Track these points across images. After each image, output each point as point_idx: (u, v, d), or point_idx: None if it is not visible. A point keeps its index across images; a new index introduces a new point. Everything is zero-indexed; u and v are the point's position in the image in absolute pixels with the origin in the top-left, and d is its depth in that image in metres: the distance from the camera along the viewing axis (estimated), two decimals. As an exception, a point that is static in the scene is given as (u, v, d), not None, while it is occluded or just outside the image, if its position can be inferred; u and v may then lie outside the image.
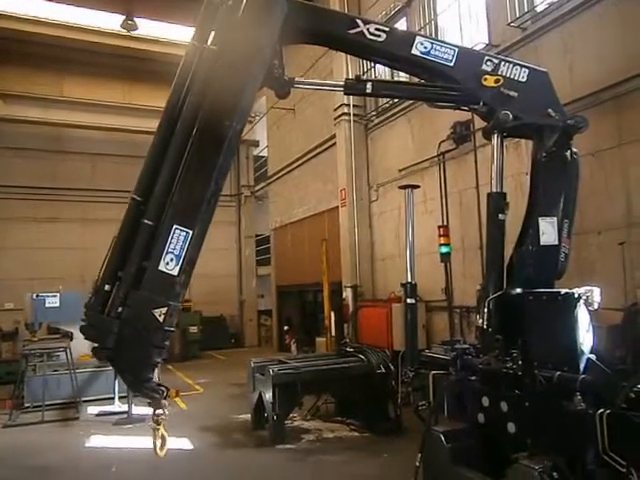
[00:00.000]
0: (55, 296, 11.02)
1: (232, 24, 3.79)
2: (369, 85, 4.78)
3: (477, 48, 9.42)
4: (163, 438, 3.48)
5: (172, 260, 3.41)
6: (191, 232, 3.46)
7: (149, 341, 3.38)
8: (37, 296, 10.88)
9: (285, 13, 3.93)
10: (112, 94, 17.77)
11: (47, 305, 10.87)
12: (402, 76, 8.87)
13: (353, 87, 4.88)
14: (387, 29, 4.56)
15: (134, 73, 17.93)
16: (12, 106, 16.47)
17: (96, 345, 3.51)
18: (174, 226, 3.46)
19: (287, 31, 4.01)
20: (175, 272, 3.42)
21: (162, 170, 3.62)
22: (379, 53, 4.70)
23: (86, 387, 10.45)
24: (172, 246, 3.43)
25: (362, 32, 4.40)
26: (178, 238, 3.44)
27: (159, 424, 3.47)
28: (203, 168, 3.55)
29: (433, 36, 10.85)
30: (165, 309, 3.35)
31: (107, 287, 3.57)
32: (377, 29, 4.45)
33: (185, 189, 3.53)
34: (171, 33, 16.83)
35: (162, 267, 3.41)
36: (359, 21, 4.46)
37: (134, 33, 16.53)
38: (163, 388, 3.50)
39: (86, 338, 3.60)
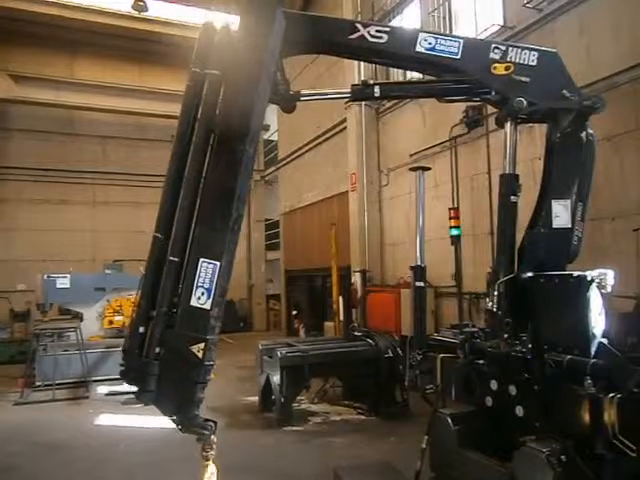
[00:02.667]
0: (66, 277, 11.11)
1: (231, 45, 3.67)
2: (377, 89, 4.70)
3: (491, 30, 9.29)
4: (212, 475, 3.38)
5: (203, 294, 3.32)
6: (219, 263, 3.35)
7: (191, 379, 3.33)
8: (48, 277, 10.99)
9: (284, 27, 3.80)
10: (123, 76, 17.71)
11: (58, 286, 10.97)
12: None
13: (360, 93, 4.78)
14: (388, 29, 4.46)
15: (145, 55, 17.86)
16: (24, 88, 16.45)
17: (138, 389, 3.42)
18: (200, 260, 3.35)
19: (287, 44, 3.90)
20: (208, 306, 3.32)
21: (180, 203, 3.52)
22: (383, 55, 4.60)
23: (96, 367, 10.55)
24: (201, 280, 3.32)
25: (363, 36, 4.30)
26: (206, 271, 3.34)
27: (208, 460, 3.37)
28: (221, 197, 3.44)
29: (446, 19, 10.70)
30: (203, 344, 3.28)
31: (141, 329, 3.46)
32: (378, 30, 4.35)
33: (206, 221, 3.42)
34: (182, 15, 16.74)
35: (194, 302, 3.32)
36: (359, 25, 4.36)
37: (145, 15, 16.43)
38: (211, 423, 3.41)
39: (127, 383, 3.51)
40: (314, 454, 6.40)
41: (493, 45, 4.60)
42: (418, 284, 7.03)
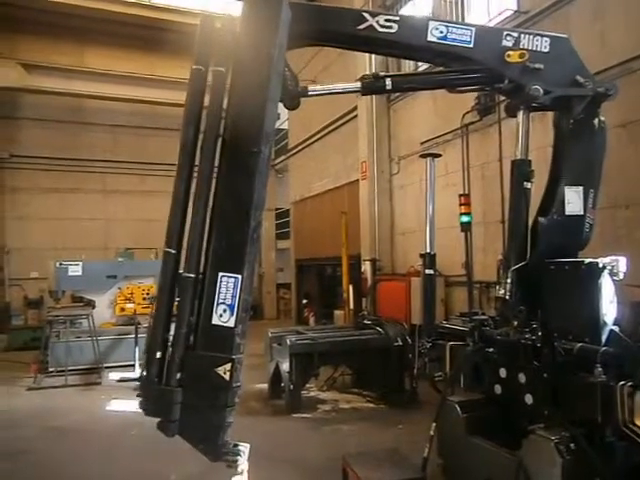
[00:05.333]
0: (78, 265, 11.24)
1: (236, 41, 3.38)
2: (388, 81, 4.54)
3: (505, 15, 9.16)
4: None
5: (225, 311, 3.07)
6: (240, 277, 3.09)
7: (219, 403, 3.07)
8: (60, 264, 11.11)
9: (289, 18, 3.52)
10: (133, 65, 17.65)
11: (70, 273, 11.10)
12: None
13: (371, 86, 4.60)
14: (397, 18, 4.30)
15: (155, 44, 17.72)
16: (35, 76, 16.46)
17: (160, 420, 3.15)
18: (220, 274, 3.09)
19: (292, 36, 3.62)
20: (231, 323, 3.06)
21: (192, 216, 3.23)
22: (393, 45, 4.42)
23: (108, 354, 10.70)
24: (222, 296, 3.07)
25: (372, 26, 4.13)
26: (227, 286, 3.08)
27: None
28: (238, 206, 3.17)
29: (458, 3, 10.55)
30: (229, 365, 3.02)
31: (159, 354, 3.19)
32: (387, 20, 4.18)
33: (223, 234, 3.15)
34: (191, 2, 16.64)
35: (216, 321, 3.07)
36: (367, 15, 4.18)
37: (155, 2, 16.36)
38: (242, 447, 3.16)
39: (147, 415, 3.21)
40: (323, 441, 6.43)
41: (505, 32, 4.49)
42: (428, 272, 6.98)
